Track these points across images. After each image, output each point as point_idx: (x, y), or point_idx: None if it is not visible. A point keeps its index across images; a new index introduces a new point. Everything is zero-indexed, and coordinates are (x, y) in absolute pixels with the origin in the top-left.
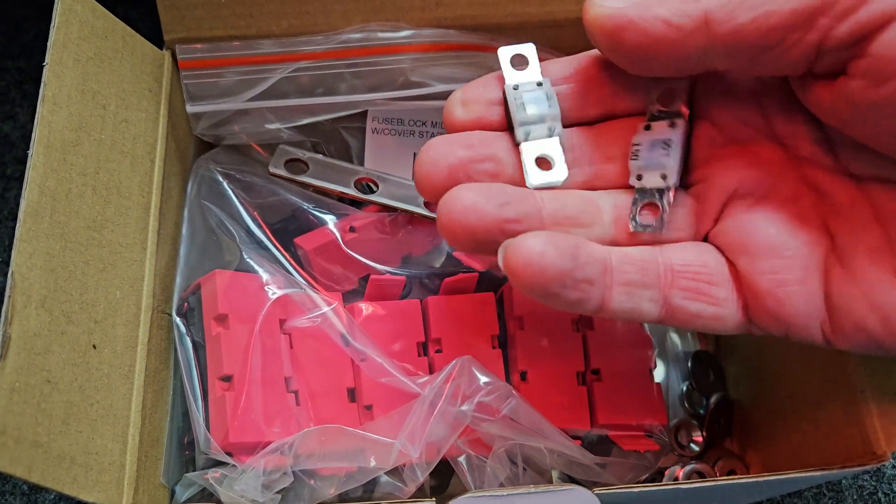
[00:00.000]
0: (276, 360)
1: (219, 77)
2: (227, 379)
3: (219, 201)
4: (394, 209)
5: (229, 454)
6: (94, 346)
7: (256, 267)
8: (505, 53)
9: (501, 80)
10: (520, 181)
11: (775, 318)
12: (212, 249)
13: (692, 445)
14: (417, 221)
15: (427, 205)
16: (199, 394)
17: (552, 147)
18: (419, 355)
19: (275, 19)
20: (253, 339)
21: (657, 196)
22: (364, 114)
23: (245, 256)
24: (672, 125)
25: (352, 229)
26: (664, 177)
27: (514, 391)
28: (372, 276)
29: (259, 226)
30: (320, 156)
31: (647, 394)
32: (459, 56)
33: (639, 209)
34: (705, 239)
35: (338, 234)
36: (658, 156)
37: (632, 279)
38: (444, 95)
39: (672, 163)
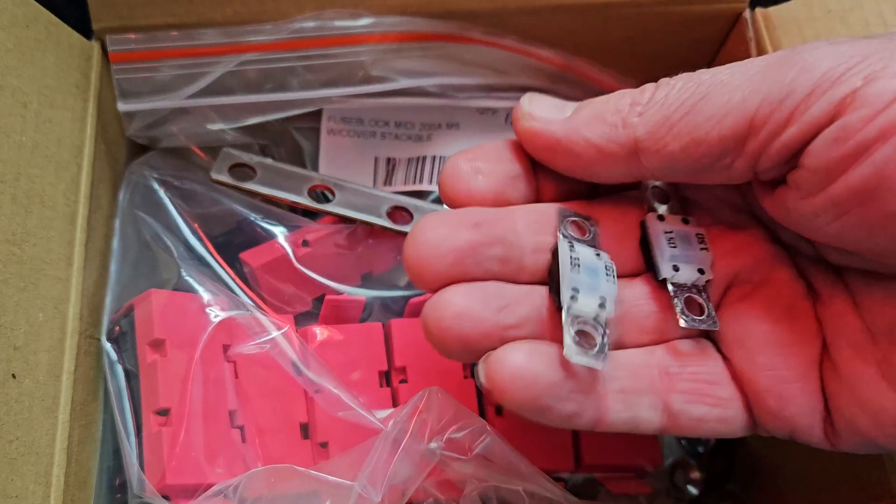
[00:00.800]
0: (219, 391)
1: (154, 71)
2: (164, 413)
3: (154, 211)
4: (352, 220)
5: (166, 497)
6: (14, 376)
7: (197, 286)
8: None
9: (516, 151)
10: (530, 268)
11: (778, 417)
12: (146, 266)
13: (689, 488)
14: (379, 235)
15: (390, 215)
16: (133, 429)
17: (595, 325)
18: (381, 386)
19: (218, 6)
20: (193, 367)
21: (696, 291)
22: (319, 113)
23: (184, 274)
24: (686, 221)
25: (305, 243)
26: (702, 271)
27: (488, 426)
28: (327, 297)
29: (200, 239)
30: (269, 160)
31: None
32: (427, 47)
33: (683, 304)
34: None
35: (289, 249)
36: (694, 249)
37: (626, 386)
38: (409, 92)
39: (708, 259)
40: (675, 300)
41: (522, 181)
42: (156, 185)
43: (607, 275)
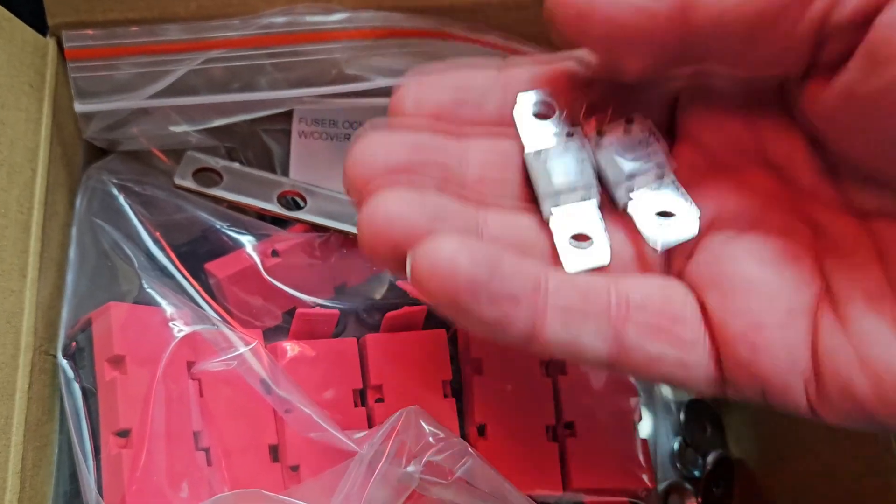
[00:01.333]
0: (182, 410)
1: (114, 69)
2: (124, 434)
3: (114, 219)
4: (325, 229)
5: None
6: None
7: (159, 298)
8: (524, 100)
9: (470, 70)
10: (473, 197)
11: (748, 370)
12: (105, 277)
13: None
14: (353, 244)
15: None
16: (91, 451)
17: (589, 218)
18: (356, 405)
19: (182, 0)
20: (155, 385)
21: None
22: (289, 114)
23: (145, 286)
24: (630, 122)
25: (274, 253)
26: (660, 175)
27: (470, 448)
28: (298, 310)
29: (162, 249)
30: (236, 164)
31: (631, 451)
32: (404, 44)
33: (650, 219)
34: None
35: (257, 259)
36: (640, 152)
37: (570, 304)
38: (386, 92)
39: (663, 157)
40: (638, 219)
41: (472, 107)
42: (115, 191)
43: (582, 159)
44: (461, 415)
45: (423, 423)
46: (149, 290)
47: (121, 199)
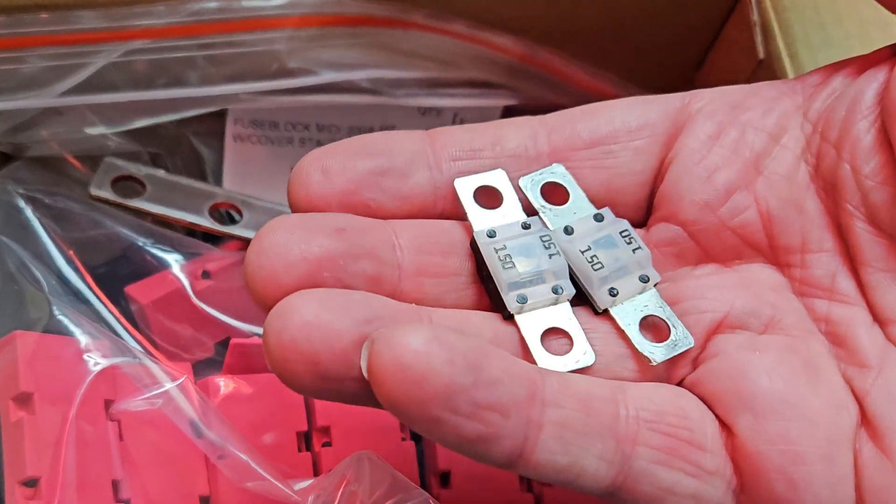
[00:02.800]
0: (100, 456)
1: (20, 62)
2: (32, 483)
3: (20, 235)
4: None
5: None
6: None
7: (72, 327)
8: (464, 187)
9: (390, 141)
10: (412, 293)
11: None
12: (10, 303)
13: None
14: None
15: None
16: None
17: (564, 316)
18: (300, 450)
19: None
20: (67, 427)
21: (650, 310)
22: (223, 114)
23: (56, 313)
24: (599, 219)
25: (205, 275)
26: (644, 279)
27: (431, 500)
28: (233, 340)
29: (76, 270)
30: (161, 172)
31: None
32: (356, 34)
33: (640, 333)
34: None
35: (185, 282)
36: (624, 256)
37: (571, 418)
38: (335, 88)
39: (646, 254)
40: (627, 331)
41: (394, 179)
42: (22, 203)
43: (545, 246)
44: (421, 461)
45: (378, 471)
46: (60, 318)
47: (28, 212)
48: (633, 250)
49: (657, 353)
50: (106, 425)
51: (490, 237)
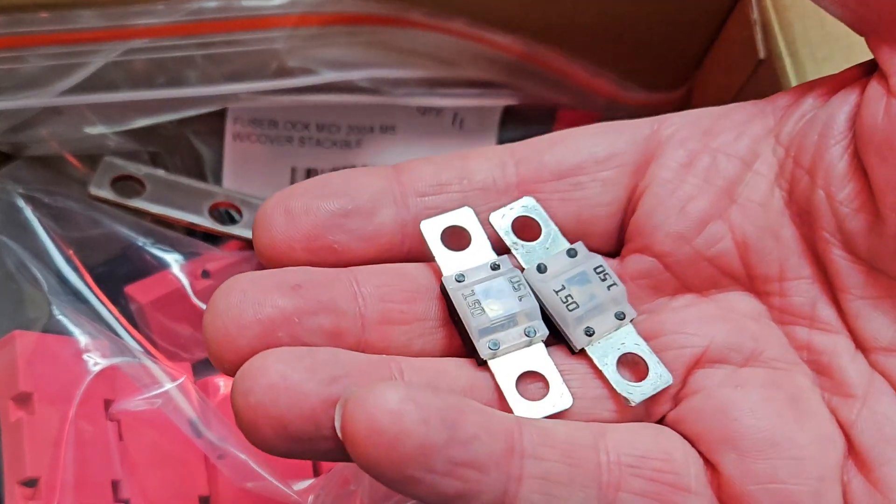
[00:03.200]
0: (99, 456)
1: (20, 62)
2: (32, 483)
3: (19, 235)
4: None
5: None
6: None
7: (72, 327)
8: (431, 229)
9: (357, 179)
10: (377, 343)
11: None
12: (9, 303)
13: None
14: None
15: None
16: None
17: (538, 359)
18: None
19: None
20: (67, 427)
21: (627, 349)
22: (222, 113)
23: (56, 312)
24: (572, 254)
25: (205, 274)
26: (620, 315)
27: None
28: None
29: (76, 269)
30: (161, 172)
31: None
32: (355, 33)
33: (617, 373)
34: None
35: (185, 282)
36: (598, 293)
37: (552, 470)
38: (334, 87)
39: (622, 291)
40: (604, 370)
41: (359, 219)
42: (21, 203)
43: (515, 287)
44: None
45: None
46: (60, 318)
47: (28, 211)
48: (608, 287)
49: (635, 393)
50: (105, 425)
51: (459, 281)
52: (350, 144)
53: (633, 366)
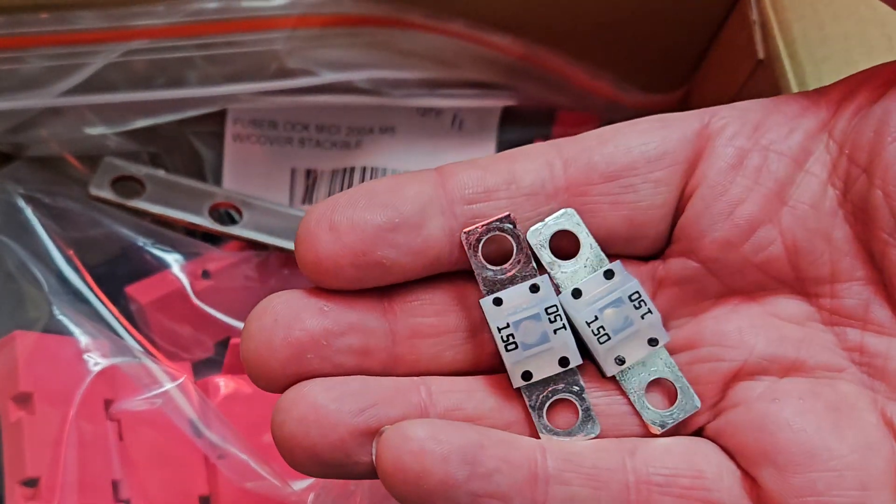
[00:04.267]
0: (99, 456)
1: (20, 62)
2: (32, 483)
3: (20, 235)
4: (264, 246)
5: None
6: None
7: (72, 327)
8: (472, 238)
9: (404, 185)
10: (408, 357)
11: None
12: (9, 303)
13: None
14: (296, 264)
15: None
16: None
17: (571, 387)
18: None
19: None
20: (67, 427)
21: (657, 375)
22: (222, 114)
23: (56, 312)
24: (609, 275)
25: (205, 274)
26: (653, 342)
27: None
28: (233, 340)
29: (76, 269)
30: (161, 172)
31: None
32: (355, 34)
33: (644, 399)
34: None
35: (185, 282)
36: (633, 320)
37: (578, 494)
38: (334, 88)
39: (657, 319)
40: (633, 396)
41: (407, 233)
42: (22, 203)
43: (551, 319)
44: None
45: None
46: (60, 318)
47: (28, 211)
48: (643, 315)
49: (660, 421)
50: (106, 425)
51: (496, 305)
52: (350, 145)
53: (663, 390)
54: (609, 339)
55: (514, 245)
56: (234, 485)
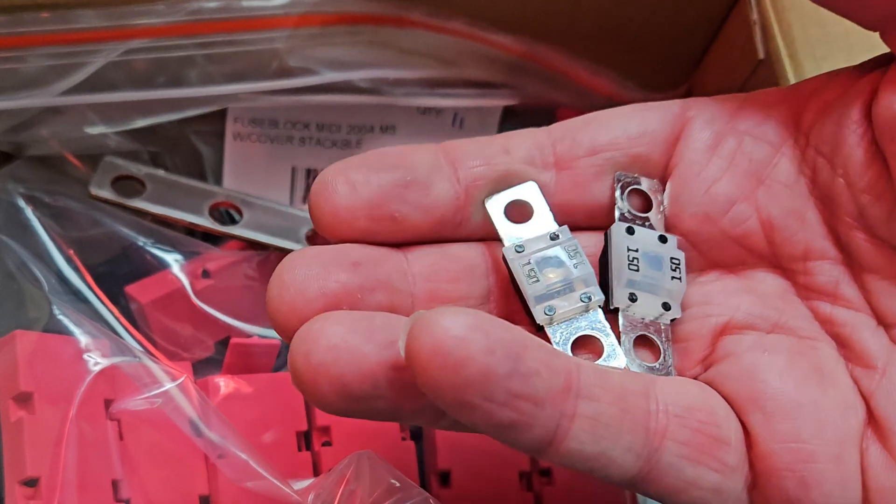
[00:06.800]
0: (99, 456)
1: (20, 62)
2: (32, 483)
3: (20, 234)
4: (264, 246)
5: None
6: None
7: (72, 326)
8: (495, 205)
9: (413, 154)
10: None
11: None
12: (10, 302)
13: None
14: None
15: (311, 240)
16: None
17: (594, 324)
18: (300, 449)
19: None
20: (67, 426)
21: (652, 330)
22: (223, 113)
23: (56, 312)
24: (664, 240)
25: (205, 274)
26: (667, 306)
27: (432, 500)
28: (233, 340)
29: (76, 269)
30: (161, 171)
31: (617, 499)
32: (356, 32)
33: (632, 343)
34: None
35: (185, 281)
36: (662, 276)
37: (603, 412)
38: (335, 87)
39: (681, 290)
40: (624, 336)
41: (417, 191)
42: (22, 203)
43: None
44: (421, 460)
45: (378, 470)
46: (60, 317)
47: (28, 211)
48: (672, 278)
49: (633, 366)
50: (106, 425)
51: (518, 251)
52: (350, 144)
53: (650, 347)
54: (638, 271)
55: (535, 207)
56: (233, 485)
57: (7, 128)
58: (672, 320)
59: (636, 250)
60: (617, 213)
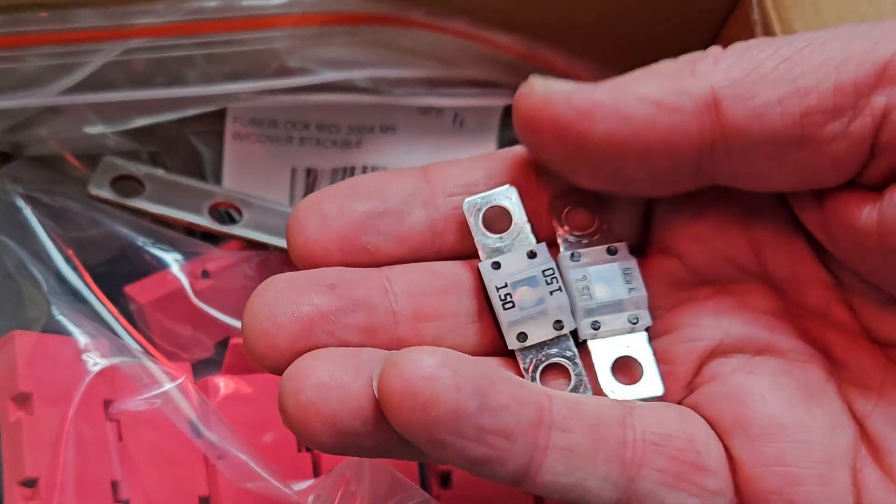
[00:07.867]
0: (99, 457)
1: (19, 61)
2: (31, 484)
3: (19, 234)
4: (264, 246)
5: None
6: None
7: (71, 327)
8: (472, 208)
9: (386, 181)
10: (410, 339)
11: None
12: (9, 302)
13: None
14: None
15: None
16: None
17: (564, 352)
18: (300, 450)
19: None
20: (66, 427)
21: (632, 348)
22: (222, 113)
23: (55, 312)
24: (612, 252)
25: (205, 274)
26: (633, 319)
27: (431, 500)
28: (233, 340)
29: (75, 269)
30: (161, 171)
31: None
32: (355, 32)
33: (611, 367)
34: None
35: (185, 282)
36: (618, 291)
37: (577, 443)
38: (334, 87)
39: (642, 297)
40: (598, 364)
41: (390, 220)
42: (21, 203)
43: (548, 281)
44: (422, 462)
45: (378, 472)
46: (59, 318)
47: (27, 211)
48: (630, 290)
49: (618, 395)
50: (105, 425)
51: (495, 269)
52: (350, 144)
53: (628, 370)
54: (590, 298)
55: (514, 215)
56: (234, 485)
57: (6, 127)
58: (647, 328)
59: (583, 278)
60: (560, 242)
